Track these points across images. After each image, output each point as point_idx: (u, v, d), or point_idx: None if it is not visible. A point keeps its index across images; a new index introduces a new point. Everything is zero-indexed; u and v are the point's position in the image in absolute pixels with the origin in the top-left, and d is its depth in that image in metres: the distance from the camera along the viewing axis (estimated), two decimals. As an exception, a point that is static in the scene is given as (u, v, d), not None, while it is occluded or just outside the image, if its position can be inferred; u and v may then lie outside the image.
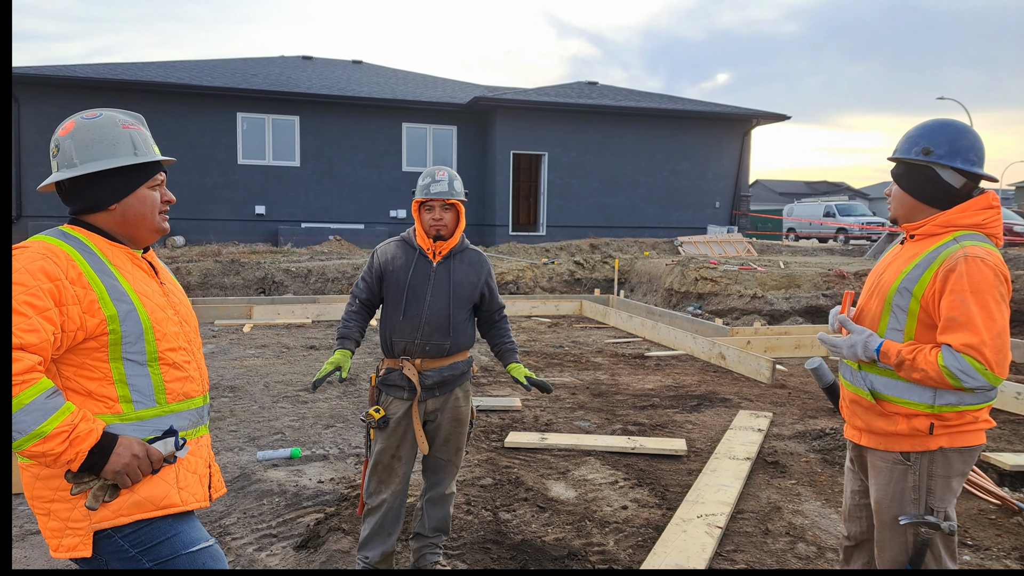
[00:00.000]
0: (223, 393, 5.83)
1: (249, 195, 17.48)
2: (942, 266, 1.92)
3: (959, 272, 1.89)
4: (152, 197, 1.70)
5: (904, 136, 2.13)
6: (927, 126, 2.08)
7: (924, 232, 2.05)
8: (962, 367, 1.85)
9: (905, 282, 1.99)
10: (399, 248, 2.80)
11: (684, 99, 21.76)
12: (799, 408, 5.67)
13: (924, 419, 1.97)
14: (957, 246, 1.95)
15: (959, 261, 1.90)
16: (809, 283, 11.21)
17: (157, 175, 1.72)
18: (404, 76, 22.40)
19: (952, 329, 1.88)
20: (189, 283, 11.64)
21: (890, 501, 2.04)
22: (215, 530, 3.28)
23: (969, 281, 1.88)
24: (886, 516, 2.06)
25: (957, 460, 2.00)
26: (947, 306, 1.90)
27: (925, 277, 1.95)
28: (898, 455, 2.02)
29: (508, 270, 13.26)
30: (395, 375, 2.74)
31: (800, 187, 58.26)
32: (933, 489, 2.00)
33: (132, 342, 1.59)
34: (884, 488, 2.06)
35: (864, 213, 25.62)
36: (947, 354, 1.87)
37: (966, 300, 1.87)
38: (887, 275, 2.07)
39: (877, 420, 2.05)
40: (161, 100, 16.57)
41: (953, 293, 1.89)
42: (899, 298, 1.99)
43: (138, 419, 1.60)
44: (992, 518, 3.57)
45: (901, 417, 2.00)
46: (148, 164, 1.70)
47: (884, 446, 2.05)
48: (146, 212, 1.69)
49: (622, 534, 3.33)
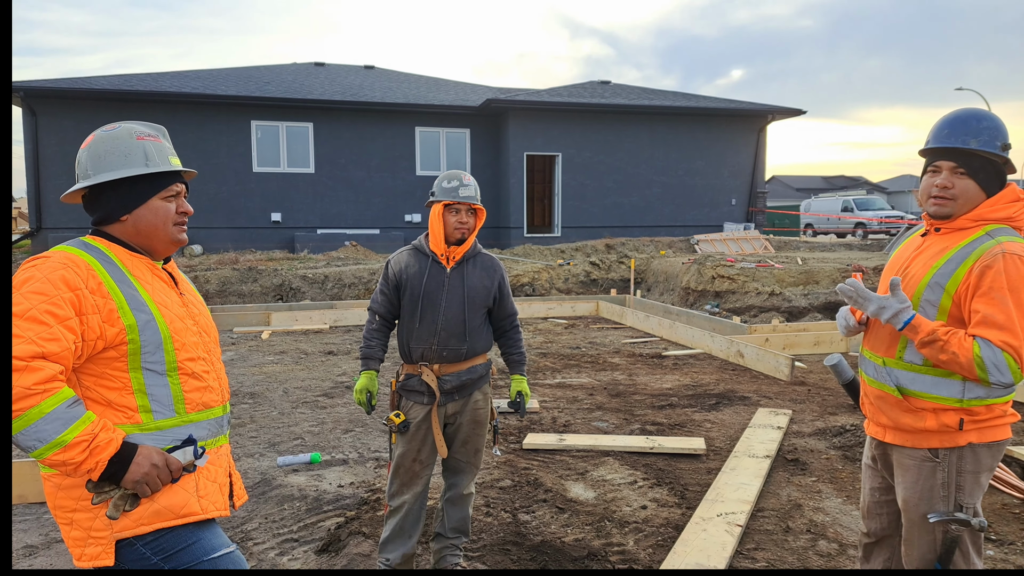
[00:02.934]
0: (243, 400, 5.89)
1: (265, 203, 17.64)
2: (978, 262, 1.89)
3: (997, 270, 1.86)
4: (166, 208, 1.70)
5: (972, 127, 1.97)
6: (993, 118, 1.99)
7: (953, 226, 2.00)
8: (997, 361, 1.83)
9: (937, 277, 1.95)
10: (412, 256, 2.83)
11: (698, 96, 21.62)
12: (819, 405, 5.61)
13: (953, 414, 1.94)
14: (993, 242, 1.91)
15: (997, 258, 1.87)
16: (827, 279, 11.09)
17: (172, 186, 1.72)
18: (416, 80, 22.49)
19: (989, 326, 1.85)
20: (207, 291, 11.78)
21: (919, 499, 2.01)
22: (236, 535, 3.31)
23: (1008, 279, 1.85)
24: (915, 514, 2.02)
25: (986, 455, 1.97)
26: (984, 303, 1.87)
27: (959, 272, 1.92)
28: (926, 452, 1.99)
29: (524, 272, 13.26)
30: (414, 380, 2.77)
31: (817, 182, 57.66)
32: (963, 485, 1.97)
33: (151, 352, 1.61)
34: (912, 486, 2.02)
35: (883, 207, 25.32)
36: (984, 345, 1.84)
37: (1005, 298, 1.85)
38: (915, 269, 2.02)
39: (904, 416, 2.01)
40: (176, 110, 16.78)
41: (992, 291, 1.86)
42: (930, 293, 1.95)
43: (157, 429, 1.62)
44: (1016, 512, 3.52)
45: (929, 413, 1.96)
46: (162, 175, 1.70)
47: (912, 443, 2.01)
48: (159, 223, 1.69)
49: (642, 534, 3.32)
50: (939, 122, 2.05)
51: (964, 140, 1.96)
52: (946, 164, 1.99)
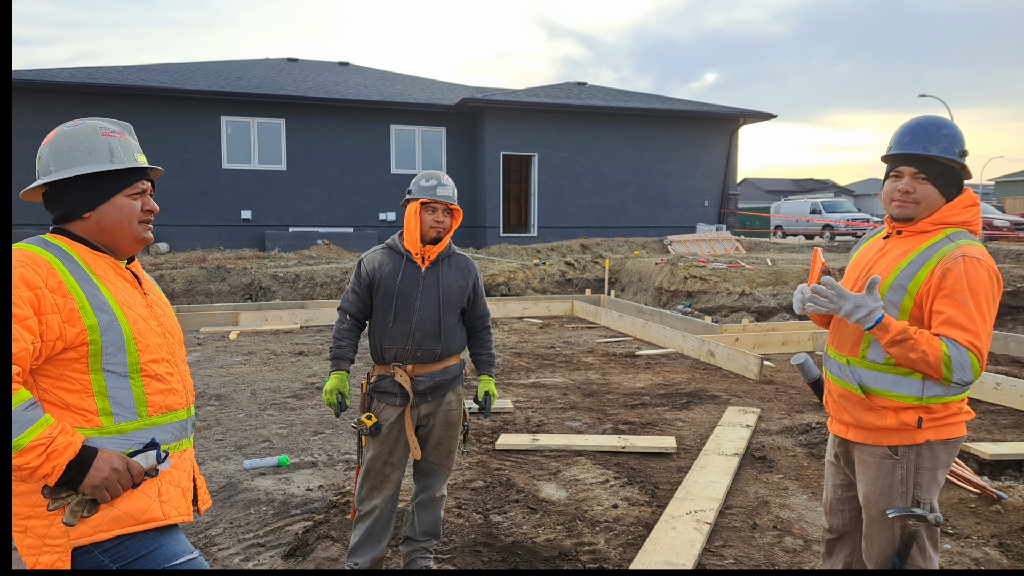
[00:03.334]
0: (209, 402, 5.79)
1: (235, 200, 17.36)
2: (939, 264, 1.94)
3: (958, 272, 1.91)
4: (130, 206, 1.67)
5: (929, 135, 2.01)
6: (951, 126, 2.04)
7: (915, 229, 2.05)
8: (962, 360, 1.88)
9: (900, 279, 1.99)
10: (385, 255, 2.80)
11: (672, 99, 21.82)
12: (786, 403, 5.70)
13: (913, 412, 1.99)
14: (953, 245, 1.96)
15: (958, 261, 1.92)
16: (796, 280, 11.27)
17: (138, 184, 1.68)
18: (392, 78, 22.34)
19: (953, 326, 1.90)
20: (173, 290, 11.56)
21: (879, 495, 2.06)
22: (201, 541, 3.25)
23: (969, 282, 1.91)
24: (875, 510, 2.07)
25: (942, 452, 2.03)
26: (947, 304, 1.92)
27: (921, 274, 1.96)
28: (886, 449, 2.04)
29: (500, 271, 13.26)
30: (387, 382, 2.73)
31: (787, 185, 58.59)
32: (920, 482, 2.02)
33: (113, 353, 1.57)
34: (873, 482, 2.07)
35: (850, 210, 25.82)
36: (951, 345, 1.89)
37: (967, 300, 1.90)
38: (879, 271, 2.07)
39: (866, 415, 2.06)
40: (143, 104, 16.43)
41: (955, 293, 1.91)
42: (892, 294, 2.00)
43: (118, 432, 1.58)
44: (972, 506, 3.62)
45: (890, 411, 2.01)
46: (127, 172, 1.66)
47: (873, 440, 2.06)
48: (123, 221, 1.66)
49: (612, 533, 3.34)
50: (900, 129, 2.10)
51: (925, 147, 2.01)
52: (908, 169, 2.04)
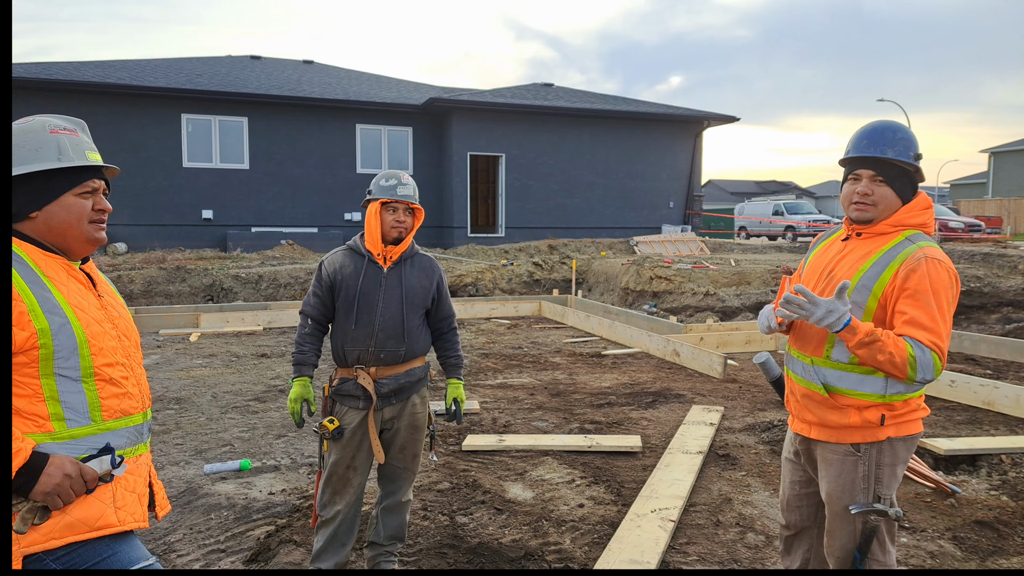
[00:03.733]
0: (168, 405, 5.66)
1: (195, 199, 17.01)
2: (903, 265, 1.98)
3: (922, 273, 1.95)
4: (80, 205, 1.62)
5: (888, 137, 2.07)
6: (906, 130, 2.09)
7: (875, 231, 2.09)
8: (926, 360, 1.92)
9: (864, 280, 2.03)
10: (347, 256, 2.76)
11: (638, 101, 22.05)
12: (749, 401, 5.81)
13: (876, 410, 2.03)
14: (915, 247, 2.00)
15: (921, 262, 1.97)
16: (759, 280, 11.49)
17: (88, 182, 1.64)
18: (358, 77, 22.12)
19: (916, 326, 1.94)
20: (132, 292, 11.27)
21: (841, 492, 2.09)
22: (159, 548, 3.18)
23: (932, 283, 1.95)
24: (837, 506, 2.11)
25: (902, 448, 2.08)
26: (910, 305, 1.96)
27: (885, 275, 2.00)
28: (849, 447, 2.08)
29: (467, 272, 13.23)
30: (349, 384, 2.70)
31: (751, 187, 59.69)
32: (881, 478, 2.07)
33: (65, 357, 1.53)
34: (836, 479, 2.11)
35: (811, 211, 26.43)
36: (915, 345, 1.93)
37: (929, 301, 1.94)
38: (841, 272, 2.10)
39: (830, 413, 2.09)
40: (100, 101, 15.98)
41: (918, 293, 1.95)
42: (857, 295, 2.03)
43: (71, 438, 1.54)
44: (928, 501, 3.72)
45: (853, 409, 2.05)
46: (77, 170, 1.62)
47: (836, 438, 2.10)
48: (72, 221, 1.61)
49: (578, 532, 3.36)
50: (857, 133, 2.14)
51: (882, 150, 2.06)
52: (866, 172, 2.09)
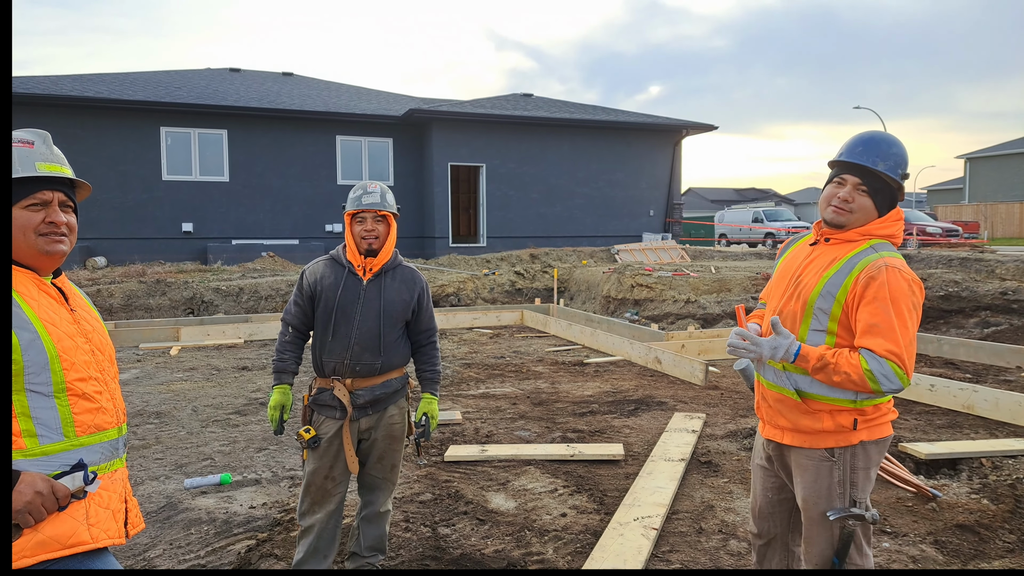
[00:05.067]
0: (148, 420, 5.58)
1: (175, 212, 16.85)
2: (862, 272, 1.99)
3: (881, 281, 1.96)
4: (27, 218, 1.59)
5: (880, 150, 2.08)
6: (901, 147, 2.10)
7: (842, 238, 2.11)
8: (884, 371, 1.92)
9: (828, 286, 2.05)
10: (328, 267, 2.76)
11: (617, 110, 22.24)
12: (731, 408, 5.85)
13: (848, 415, 2.05)
14: (876, 255, 2.02)
15: (881, 270, 1.98)
16: (739, 287, 11.60)
17: (36, 194, 1.60)
18: (337, 88, 22.10)
19: (873, 334, 1.95)
20: (112, 305, 11.11)
21: (818, 498, 2.09)
22: (138, 563, 3.13)
23: (890, 290, 1.96)
24: (814, 512, 2.11)
25: (874, 451, 2.09)
26: (869, 312, 1.97)
27: (847, 282, 2.02)
28: (824, 452, 2.08)
29: (449, 282, 13.21)
30: (326, 395, 2.70)
31: (730, 194, 60.33)
32: (856, 482, 2.08)
33: (36, 372, 1.51)
34: (811, 485, 2.10)
35: (790, 218, 26.72)
36: (870, 358, 1.93)
37: (887, 308, 1.95)
38: (808, 278, 2.12)
39: (803, 418, 2.10)
40: (77, 115, 15.82)
41: (876, 301, 1.96)
42: (822, 301, 2.05)
43: (43, 454, 1.52)
44: (909, 505, 3.76)
45: (826, 414, 2.06)
46: (23, 183, 1.59)
47: (810, 444, 2.10)
48: (18, 235, 1.58)
49: (561, 542, 3.35)
50: (854, 139, 2.15)
51: (873, 160, 2.07)
52: (852, 179, 2.10)
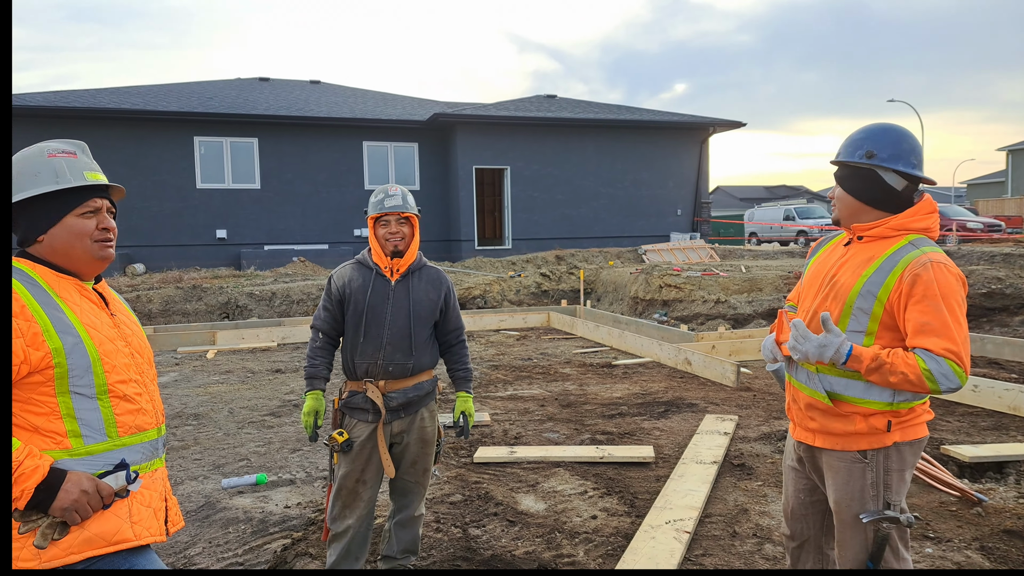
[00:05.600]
0: (187, 421, 5.71)
1: (210, 219, 17.22)
2: (907, 270, 1.95)
3: (928, 279, 1.92)
4: (82, 225, 1.65)
5: (847, 140, 2.15)
6: (869, 130, 2.11)
7: (876, 234, 2.07)
8: (943, 370, 1.87)
9: (868, 285, 2.00)
10: (355, 270, 2.79)
11: (642, 109, 22.11)
12: (764, 410, 5.77)
13: (881, 417, 2.00)
14: (919, 251, 1.97)
15: (927, 267, 1.93)
16: (770, 286, 11.43)
17: (89, 202, 1.66)
18: (363, 95, 22.36)
19: (927, 334, 1.90)
20: (150, 311, 11.39)
21: (850, 500, 2.06)
22: (179, 561, 3.21)
23: (940, 287, 1.91)
24: (847, 515, 2.07)
25: (909, 453, 2.05)
26: (920, 311, 1.92)
27: (890, 280, 1.97)
28: (856, 454, 2.04)
29: (475, 285, 13.27)
30: (359, 398, 2.72)
31: (760, 192, 59.51)
32: (890, 484, 2.03)
33: (79, 375, 1.56)
34: (843, 488, 2.07)
35: (823, 215, 26.23)
36: (928, 358, 1.88)
37: (939, 306, 1.90)
38: (844, 278, 2.07)
39: (834, 422, 2.06)
40: (115, 127, 16.26)
41: (926, 299, 1.91)
42: (862, 301, 2.01)
43: (88, 454, 1.57)
44: (953, 510, 3.65)
45: (859, 416, 2.02)
46: (76, 191, 1.65)
47: (842, 446, 2.06)
48: (75, 241, 1.64)
49: (592, 544, 3.35)
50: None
51: (837, 154, 2.17)
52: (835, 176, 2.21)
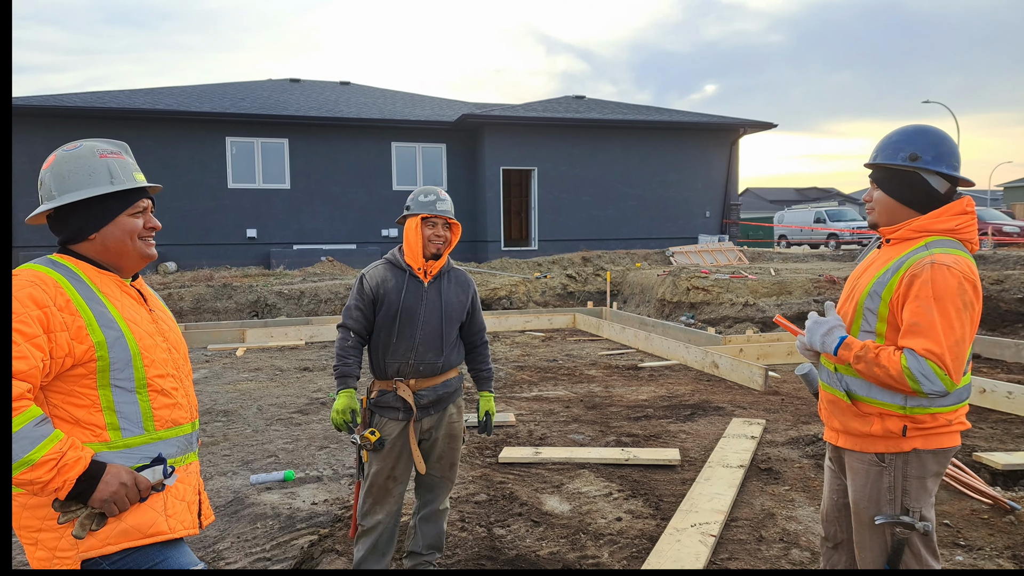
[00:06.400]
0: (216, 418, 5.82)
1: (240, 219, 17.50)
2: (908, 271, 1.95)
3: (924, 279, 1.92)
4: (133, 224, 1.70)
5: (884, 142, 2.13)
6: (909, 132, 2.09)
7: (899, 236, 2.07)
8: (923, 371, 1.88)
9: (875, 286, 2.02)
10: (388, 271, 2.81)
11: (671, 110, 21.94)
12: (792, 414, 5.69)
13: (897, 420, 1.99)
14: (926, 252, 1.97)
15: (925, 268, 1.93)
16: (800, 289, 11.27)
17: (139, 202, 1.72)
18: (392, 96, 22.53)
19: (914, 334, 1.91)
20: (181, 308, 11.62)
21: (867, 502, 2.06)
22: (208, 555, 3.27)
23: (933, 288, 1.90)
24: (864, 516, 2.07)
25: (931, 461, 2.02)
26: (911, 311, 1.93)
27: (893, 281, 1.99)
28: (873, 456, 2.04)
29: (501, 285, 13.29)
30: (389, 396, 2.75)
31: (790, 194, 58.68)
32: (908, 490, 2.02)
33: (120, 369, 1.60)
34: (861, 489, 2.08)
35: (855, 218, 25.80)
36: (910, 357, 1.90)
37: (930, 307, 1.90)
38: (863, 279, 2.11)
39: (853, 421, 2.07)
40: (149, 127, 16.62)
41: (917, 299, 1.92)
42: (869, 301, 2.03)
43: (126, 447, 1.61)
44: (985, 518, 3.58)
45: (875, 418, 2.02)
46: (128, 192, 1.70)
47: (860, 447, 2.07)
48: (127, 239, 1.70)
49: (616, 546, 3.34)
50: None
51: (874, 156, 2.15)
52: (871, 179, 2.19)
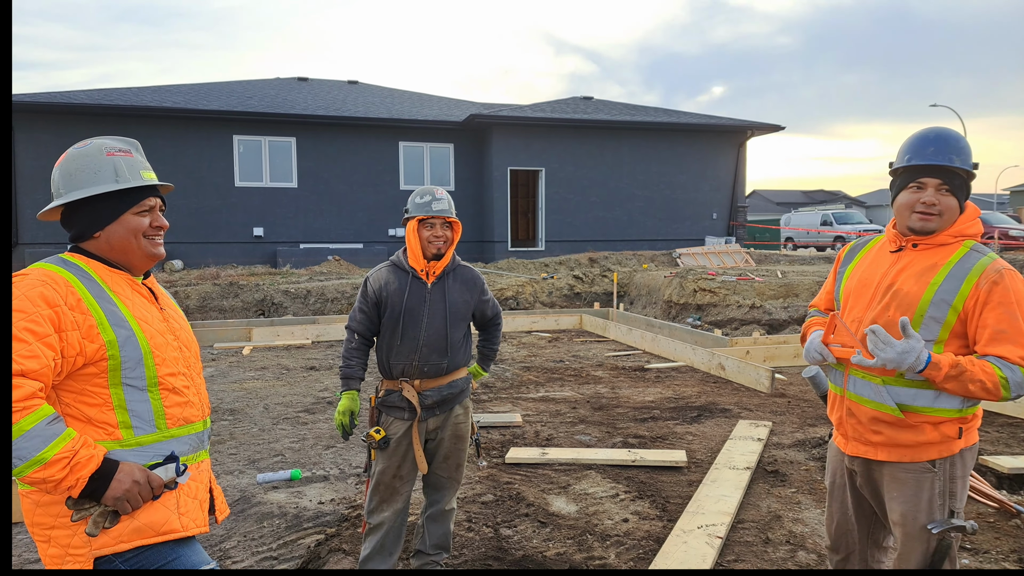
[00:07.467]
0: (223, 416, 5.84)
1: (247, 217, 17.55)
2: (983, 276, 1.90)
3: (1005, 286, 1.89)
4: (138, 223, 1.69)
5: (950, 145, 1.99)
6: (945, 136, 2.00)
7: (934, 241, 2.00)
8: (1017, 379, 1.84)
9: (941, 294, 1.94)
10: (391, 273, 2.82)
11: (679, 112, 21.91)
12: (798, 416, 5.68)
13: (953, 424, 1.96)
14: (988, 258, 1.94)
15: (1002, 274, 1.90)
16: (807, 292, 11.24)
17: (145, 200, 1.70)
18: (400, 95, 22.56)
19: (1002, 341, 1.86)
20: (188, 307, 11.67)
21: (917, 512, 1.99)
22: (215, 554, 3.28)
23: (1015, 295, 1.88)
24: (912, 528, 2.00)
25: (969, 458, 2.02)
26: (995, 318, 1.88)
27: (965, 288, 1.92)
28: (926, 464, 1.99)
29: (508, 286, 13.30)
30: (395, 396, 2.76)
31: (797, 196, 58.45)
32: (955, 492, 1.99)
33: (131, 367, 1.60)
34: (911, 499, 2.00)
35: (861, 221, 25.73)
36: (1003, 366, 1.85)
37: (1015, 314, 1.87)
38: (908, 287, 1.99)
39: (903, 433, 1.99)
40: (157, 125, 16.68)
41: (1002, 306, 1.88)
42: (934, 310, 1.94)
43: (138, 445, 1.62)
44: (991, 521, 3.58)
45: (929, 426, 1.96)
46: (134, 190, 1.69)
47: (911, 457, 2.00)
48: (131, 238, 1.69)
49: (623, 547, 3.34)
50: (918, 140, 2.02)
51: (949, 158, 1.96)
52: (932, 181, 1.98)
